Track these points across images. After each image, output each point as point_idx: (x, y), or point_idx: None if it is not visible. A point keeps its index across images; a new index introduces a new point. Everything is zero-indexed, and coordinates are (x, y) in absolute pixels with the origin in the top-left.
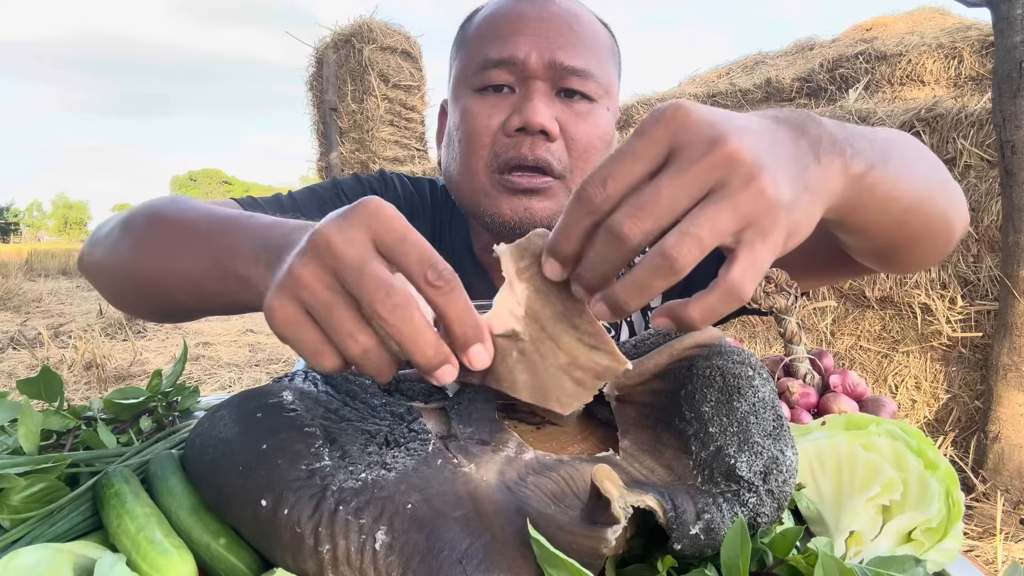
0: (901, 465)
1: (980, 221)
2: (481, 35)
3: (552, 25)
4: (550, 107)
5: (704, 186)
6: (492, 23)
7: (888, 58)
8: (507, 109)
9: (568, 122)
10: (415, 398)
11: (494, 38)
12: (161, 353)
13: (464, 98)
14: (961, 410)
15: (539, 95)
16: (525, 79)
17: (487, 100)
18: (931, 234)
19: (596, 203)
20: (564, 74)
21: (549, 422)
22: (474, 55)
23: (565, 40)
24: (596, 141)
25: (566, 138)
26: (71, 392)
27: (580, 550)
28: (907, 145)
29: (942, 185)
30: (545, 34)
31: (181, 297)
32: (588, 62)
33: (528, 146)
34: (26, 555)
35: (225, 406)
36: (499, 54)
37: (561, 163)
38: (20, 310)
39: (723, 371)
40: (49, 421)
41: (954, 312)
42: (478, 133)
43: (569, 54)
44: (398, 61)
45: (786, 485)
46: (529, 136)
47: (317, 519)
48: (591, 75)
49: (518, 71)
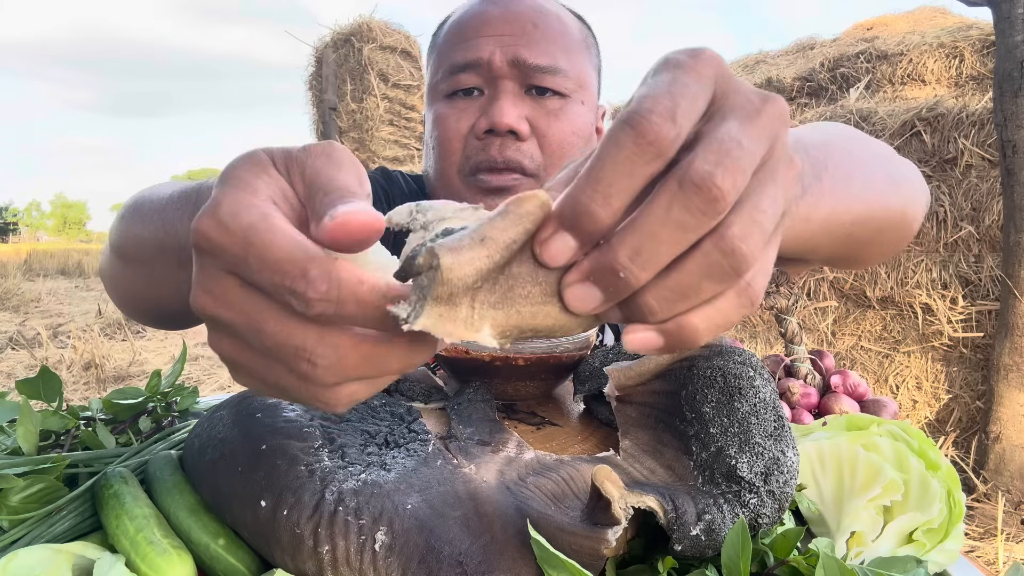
0: (902, 466)
1: (981, 221)
2: (448, 41)
3: (515, 24)
4: (518, 106)
5: (768, 143)
6: (457, 28)
7: (889, 57)
8: (476, 112)
9: (539, 120)
10: (415, 398)
11: (459, 42)
12: (160, 353)
13: (436, 104)
14: (962, 410)
15: (506, 95)
16: (492, 80)
17: (457, 105)
18: (884, 237)
19: (666, 143)
20: (530, 72)
21: (549, 422)
22: (442, 61)
23: (529, 38)
24: (571, 137)
25: (538, 136)
26: (70, 392)
27: (580, 551)
28: (847, 145)
29: (893, 182)
30: (508, 33)
31: (173, 304)
32: (555, 57)
33: (497, 148)
34: (25, 556)
35: (224, 406)
36: (464, 57)
37: (534, 161)
38: (19, 310)
39: (724, 372)
40: (48, 421)
41: (955, 312)
42: (448, 138)
43: (534, 51)
44: (398, 60)
45: (787, 486)
46: (498, 137)
47: (316, 520)
48: (559, 70)
49: (484, 72)
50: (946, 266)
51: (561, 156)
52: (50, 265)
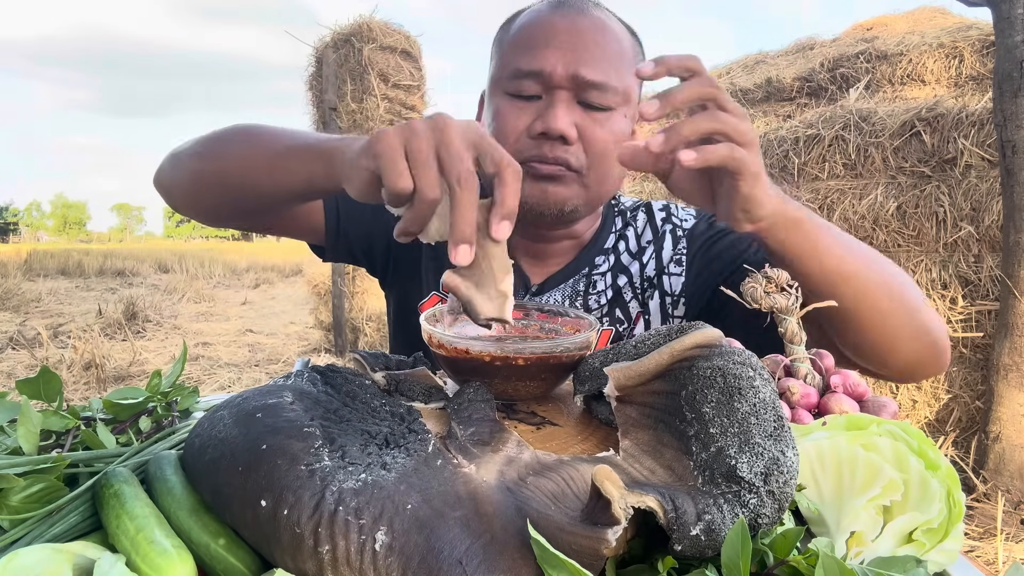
0: (902, 465)
1: (981, 221)
2: (516, 43)
3: (578, 40)
4: (570, 113)
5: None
6: (526, 33)
7: (889, 58)
8: (533, 114)
9: (587, 127)
10: (415, 398)
11: (527, 48)
12: (160, 353)
13: (497, 98)
14: (962, 410)
15: (561, 103)
16: (550, 88)
17: (516, 104)
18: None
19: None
20: (585, 86)
21: (549, 422)
22: (508, 62)
23: (590, 55)
24: (611, 145)
25: (584, 141)
26: (70, 392)
27: (580, 551)
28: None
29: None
30: (571, 48)
31: (262, 182)
32: (608, 75)
33: (549, 147)
34: (25, 555)
35: (225, 406)
36: (529, 66)
37: (579, 161)
38: (19, 310)
39: (724, 372)
40: (48, 421)
41: (955, 312)
42: (506, 133)
43: (592, 69)
44: (398, 61)
45: (787, 486)
46: (550, 140)
47: (317, 519)
48: (609, 87)
49: (544, 81)
50: (946, 266)
51: (602, 159)
52: (50, 265)
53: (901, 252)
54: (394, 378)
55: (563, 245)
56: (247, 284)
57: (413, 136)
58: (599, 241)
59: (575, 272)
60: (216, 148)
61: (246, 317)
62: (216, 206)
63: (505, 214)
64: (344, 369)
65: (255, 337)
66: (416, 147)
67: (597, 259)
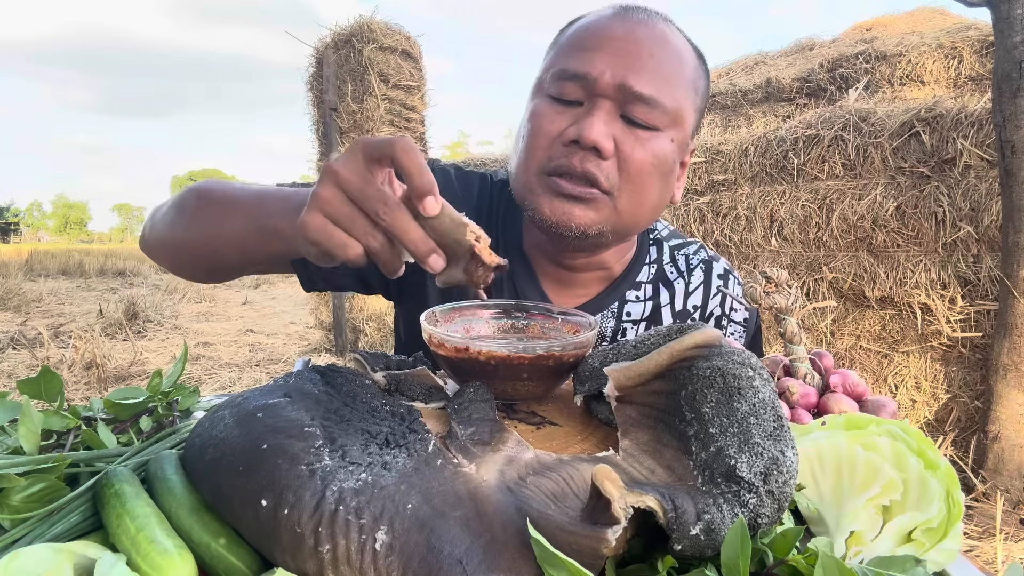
0: (901, 465)
1: (980, 221)
2: (569, 43)
3: (633, 48)
4: (609, 125)
5: None
6: (581, 34)
7: (888, 58)
8: (570, 119)
9: (626, 143)
10: (415, 399)
11: (578, 49)
12: (161, 353)
13: (537, 99)
14: (961, 410)
15: (600, 112)
16: (593, 96)
17: (555, 107)
18: None
19: None
20: (631, 98)
21: (549, 422)
22: (556, 61)
23: (642, 66)
24: (650, 167)
25: (620, 158)
26: (71, 392)
27: (580, 550)
28: None
29: None
30: (623, 56)
31: (229, 257)
32: (659, 90)
33: (579, 158)
34: (26, 555)
35: (225, 406)
36: (575, 67)
37: (609, 180)
38: (20, 310)
39: (723, 372)
40: (49, 421)
41: (954, 312)
42: (538, 137)
43: (641, 80)
44: (398, 61)
45: (786, 486)
46: (581, 150)
47: (317, 519)
48: (658, 104)
49: (589, 87)
50: (945, 266)
51: (638, 182)
52: (51, 265)
53: (900, 252)
54: (394, 378)
55: (589, 276)
56: (247, 284)
57: (327, 205)
58: (631, 274)
59: (603, 307)
60: (182, 234)
61: (247, 317)
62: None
63: (420, 191)
64: (344, 369)
65: (256, 337)
66: (337, 213)
67: (628, 294)
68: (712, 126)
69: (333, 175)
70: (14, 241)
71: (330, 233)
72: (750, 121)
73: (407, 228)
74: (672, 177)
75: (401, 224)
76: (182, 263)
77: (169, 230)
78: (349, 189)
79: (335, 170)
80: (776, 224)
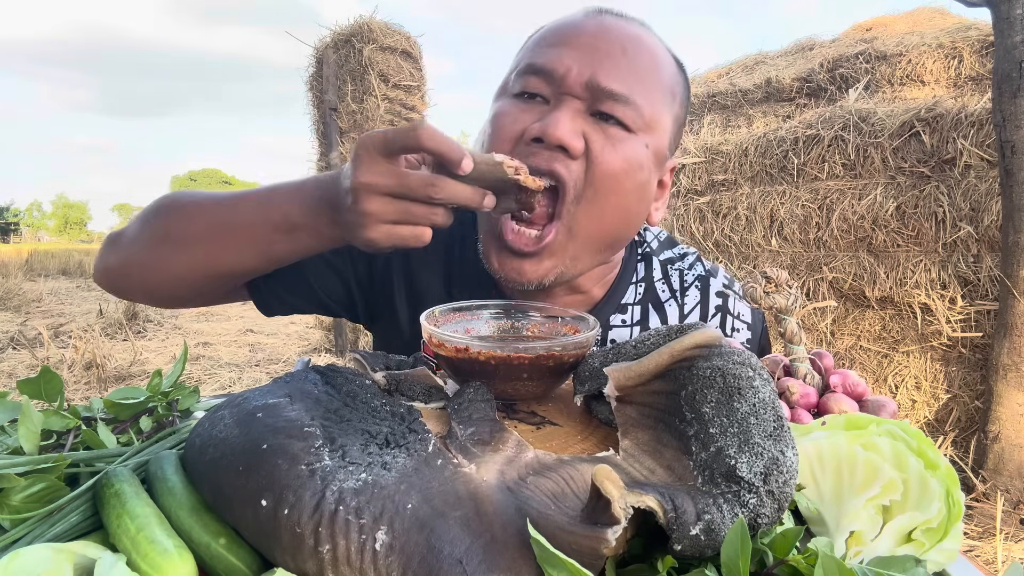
0: (901, 465)
1: (980, 221)
2: (536, 41)
3: (603, 45)
4: (576, 122)
5: None
6: (550, 31)
7: (888, 58)
8: (534, 117)
9: (595, 142)
10: (415, 399)
11: (545, 46)
12: (161, 353)
13: (500, 100)
14: (961, 410)
15: (567, 109)
16: (560, 93)
17: (518, 106)
18: None
19: None
20: (601, 96)
21: (549, 422)
22: (522, 59)
23: (614, 62)
24: (621, 172)
25: (589, 158)
26: (71, 392)
27: (580, 550)
28: None
29: None
30: (593, 51)
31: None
32: (632, 88)
33: (544, 159)
34: (26, 555)
35: (225, 406)
36: (541, 62)
37: (576, 186)
38: (20, 310)
39: (723, 372)
40: (49, 421)
41: (954, 312)
42: (500, 139)
43: (611, 76)
44: (398, 61)
45: (786, 486)
46: (547, 150)
47: (317, 519)
48: (631, 102)
49: (555, 83)
50: (945, 266)
51: (607, 187)
52: (51, 265)
53: (900, 252)
54: (394, 378)
55: (566, 301)
56: None
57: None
58: (615, 296)
59: None
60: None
61: (247, 317)
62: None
63: (456, 162)
64: (344, 369)
65: (256, 337)
66: (393, 214)
67: (613, 318)
68: (712, 126)
69: (365, 188)
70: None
71: (398, 234)
72: (750, 121)
73: (457, 192)
74: (647, 191)
75: (451, 192)
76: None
77: (151, 250)
78: (391, 190)
79: (364, 183)
80: (776, 224)
